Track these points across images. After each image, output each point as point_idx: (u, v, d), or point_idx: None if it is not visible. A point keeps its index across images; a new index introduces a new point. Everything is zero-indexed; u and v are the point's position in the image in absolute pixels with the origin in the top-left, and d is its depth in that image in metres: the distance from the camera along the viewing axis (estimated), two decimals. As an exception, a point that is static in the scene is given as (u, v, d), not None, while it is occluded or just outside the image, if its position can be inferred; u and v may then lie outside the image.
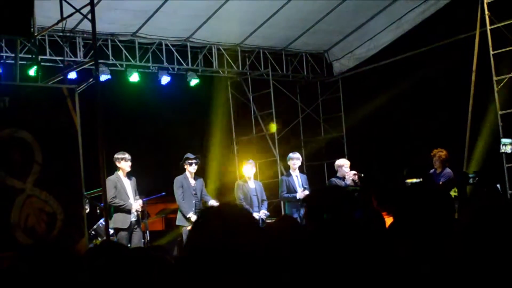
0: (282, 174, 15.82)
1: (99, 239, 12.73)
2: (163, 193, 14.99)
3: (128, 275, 3.45)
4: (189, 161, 13.39)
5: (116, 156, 12.69)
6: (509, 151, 13.78)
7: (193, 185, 13.37)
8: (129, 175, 12.78)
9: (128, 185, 12.69)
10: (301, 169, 14.54)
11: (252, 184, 13.87)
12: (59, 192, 10.33)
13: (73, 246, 10.22)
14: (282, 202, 15.45)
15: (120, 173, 12.67)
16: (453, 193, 12.85)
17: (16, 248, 9.45)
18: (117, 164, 12.66)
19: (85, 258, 3.71)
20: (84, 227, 10.75)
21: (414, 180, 12.99)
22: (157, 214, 15.65)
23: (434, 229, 3.32)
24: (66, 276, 3.31)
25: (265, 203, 14.02)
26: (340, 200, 4.16)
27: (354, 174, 13.69)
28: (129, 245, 12.37)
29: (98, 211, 13.61)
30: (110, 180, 12.32)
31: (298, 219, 12.86)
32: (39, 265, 3.25)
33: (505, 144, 13.77)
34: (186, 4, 14.77)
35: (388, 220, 4.09)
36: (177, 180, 13.40)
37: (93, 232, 13.02)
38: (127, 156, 12.68)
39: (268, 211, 14.06)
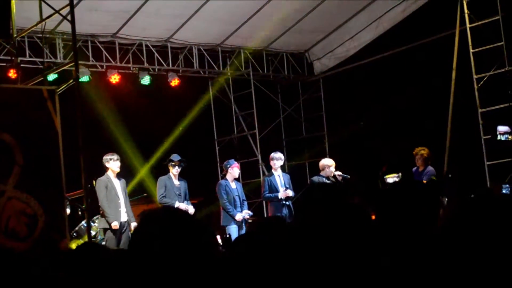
0: (264, 174, 15.82)
1: (81, 240, 12.68)
2: (144, 194, 14.96)
3: (108, 276, 3.44)
4: (172, 163, 13.35)
5: (104, 157, 12.75)
6: (503, 139, 13.77)
7: (177, 185, 13.32)
8: (118, 176, 12.79)
9: (118, 185, 12.69)
10: (283, 168, 14.53)
11: (234, 185, 13.85)
12: (40, 193, 10.29)
13: (55, 247, 10.18)
14: (264, 202, 15.46)
15: (110, 174, 12.69)
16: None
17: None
18: (106, 164, 12.68)
19: (66, 259, 3.70)
20: (66, 229, 10.71)
21: (393, 175, 13.03)
22: (139, 216, 15.59)
23: (418, 230, 3.32)
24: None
25: (245, 203, 13.99)
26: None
27: (339, 175, 13.70)
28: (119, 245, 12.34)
29: (79, 212, 13.57)
30: (100, 181, 12.58)
31: (282, 219, 12.86)
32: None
33: (501, 133, 13.79)
34: (166, 5, 14.74)
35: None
36: (160, 180, 13.38)
37: (74, 233, 12.97)
38: (115, 156, 12.75)
39: (250, 211, 14.05)
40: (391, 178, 13.02)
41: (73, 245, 11.21)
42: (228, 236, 12.98)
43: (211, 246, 2.53)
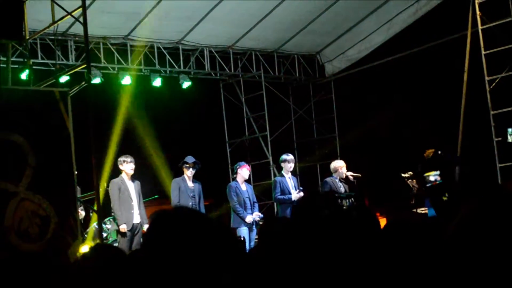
0: (275, 176, 15.80)
1: (92, 242, 12.70)
2: (156, 196, 14.96)
3: (122, 277, 3.45)
4: (186, 165, 13.36)
5: (119, 159, 12.86)
6: None
7: (191, 187, 13.31)
8: (133, 178, 12.83)
9: (132, 188, 12.72)
10: (293, 170, 14.51)
11: (244, 187, 13.82)
12: (53, 195, 10.32)
13: (66, 249, 10.22)
14: (275, 204, 15.44)
15: (124, 176, 12.74)
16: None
17: (9, 251, 9.44)
18: (120, 166, 12.76)
19: (79, 261, 3.71)
20: (78, 230, 10.74)
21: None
22: (151, 216, 15.62)
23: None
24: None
25: (256, 205, 13.96)
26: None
27: (351, 175, 13.69)
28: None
29: (90, 214, 13.60)
30: (114, 183, 12.70)
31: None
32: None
33: (511, 135, 13.75)
34: (178, 7, 14.76)
35: (382, 222, 4.08)
36: (174, 182, 13.39)
37: (86, 235, 13.00)
38: (129, 159, 12.77)
39: (261, 213, 14.02)
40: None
41: (82, 247, 11.23)
42: (242, 238, 12.94)
43: (228, 246, 2.52)
